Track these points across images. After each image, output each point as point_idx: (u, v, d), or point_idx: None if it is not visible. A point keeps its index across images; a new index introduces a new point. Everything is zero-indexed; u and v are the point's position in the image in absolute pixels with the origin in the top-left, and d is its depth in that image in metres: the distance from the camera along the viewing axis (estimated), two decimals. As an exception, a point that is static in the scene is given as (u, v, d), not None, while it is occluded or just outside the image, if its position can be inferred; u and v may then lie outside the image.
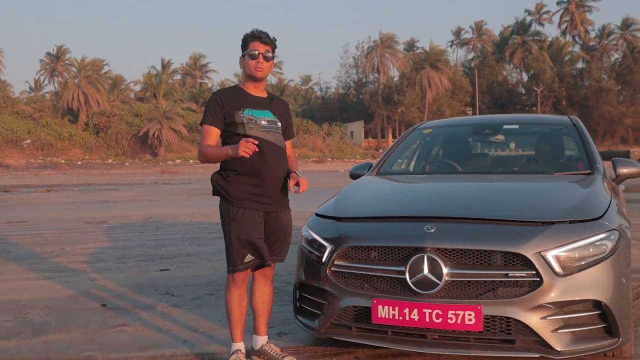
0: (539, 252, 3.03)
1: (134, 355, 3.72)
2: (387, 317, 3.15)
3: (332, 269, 3.39)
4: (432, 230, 3.20)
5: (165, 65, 75.99)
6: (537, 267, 3.00)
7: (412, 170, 5.16)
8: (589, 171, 4.17)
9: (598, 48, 72.27)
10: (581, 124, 4.82)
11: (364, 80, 72.52)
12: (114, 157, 54.97)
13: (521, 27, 76.21)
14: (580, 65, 71.38)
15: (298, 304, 3.70)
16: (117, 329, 4.28)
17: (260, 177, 3.38)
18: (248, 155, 3.20)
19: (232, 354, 3.45)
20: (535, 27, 77.30)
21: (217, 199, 3.57)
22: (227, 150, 3.30)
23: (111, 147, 56.36)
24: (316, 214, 3.83)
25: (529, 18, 77.25)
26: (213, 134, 3.44)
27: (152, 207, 14.49)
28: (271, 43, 3.50)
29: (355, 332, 3.34)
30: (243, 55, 3.52)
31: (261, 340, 3.62)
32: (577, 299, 3.04)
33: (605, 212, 3.35)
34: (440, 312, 3.05)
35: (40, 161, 50.79)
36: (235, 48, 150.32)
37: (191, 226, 10.49)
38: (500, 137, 5.08)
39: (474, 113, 67.79)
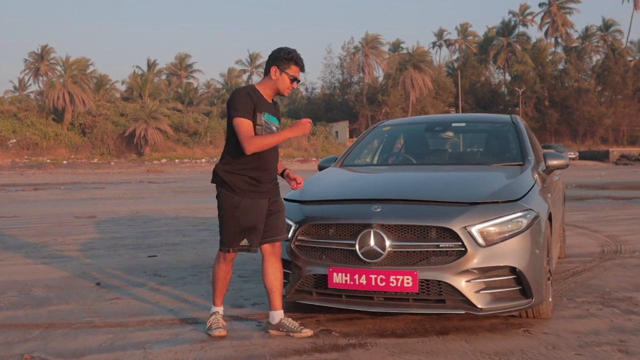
0: (465, 227, 3.67)
1: (127, 320, 4.32)
2: (340, 282, 3.78)
3: (296, 243, 4.02)
4: (378, 210, 3.84)
5: (150, 65, 76.31)
6: (462, 239, 3.65)
7: (372, 162, 5.81)
8: (521, 163, 4.83)
9: (578, 49, 73.50)
10: (520, 122, 5.49)
11: (349, 80, 73.26)
12: (99, 156, 55.23)
13: (506, 29, 77.32)
14: (561, 66, 72.56)
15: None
16: (111, 302, 4.88)
17: (264, 172, 3.85)
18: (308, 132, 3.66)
19: (212, 314, 4.01)
20: (519, 28, 78.53)
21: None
22: (287, 133, 3.73)
23: (97, 147, 56.59)
24: (284, 199, 4.45)
25: (513, 19, 78.45)
26: (250, 126, 3.70)
27: (138, 203, 15.04)
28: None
29: (315, 296, 3.97)
30: (279, 68, 3.82)
31: (278, 315, 3.92)
32: (496, 265, 3.69)
33: (525, 195, 4.01)
34: (384, 277, 3.68)
35: (25, 161, 50.96)
36: (220, 48, 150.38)
37: (177, 220, 11.07)
38: (450, 133, 5.74)
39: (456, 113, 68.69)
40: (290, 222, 4.09)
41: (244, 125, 3.69)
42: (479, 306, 3.65)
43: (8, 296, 5.08)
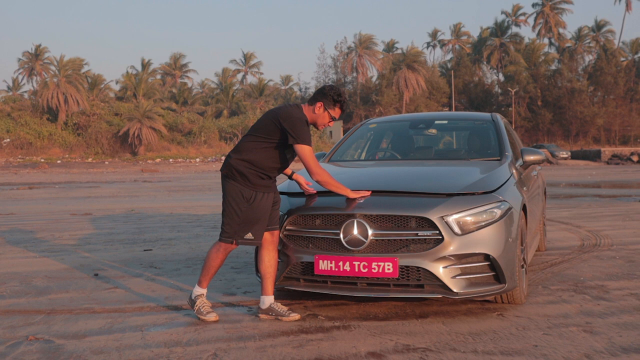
0: (442, 217, 3.93)
1: (125, 306, 4.56)
2: (326, 269, 4.03)
3: (284, 233, 4.27)
4: (361, 201, 4.09)
5: (145, 65, 76.39)
6: (439, 228, 3.90)
7: (359, 158, 6.07)
8: (499, 158, 5.09)
9: (571, 49, 73.98)
10: (500, 120, 5.76)
11: (343, 80, 73.54)
12: (93, 156, 55.35)
13: (499, 29, 77.78)
14: (554, 66, 73.05)
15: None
16: (109, 291, 5.11)
17: (278, 172, 4.19)
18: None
19: (197, 297, 4.14)
20: (512, 29, 79.01)
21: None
22: (347, 191, 4.10)
23: (91, 146, 56.72)
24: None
25: (506, 20, 78.87)
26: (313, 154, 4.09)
27: (133, 201, 15.25)
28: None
29: (303, 282, 4.22)
30: (324, 105, 4.13)
31: (269, 300, 4.13)
32: (471, 252, 3.95)
33: (499, 187, 4.27)
34: (366, 264, 3.94)
35: (19, 160, 51.04)
36: (214, 48, 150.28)
37: (171, 217, 11.30)
38: (433, 130, 6.01)
39: (450, 113, 68.92)
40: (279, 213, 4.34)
41: (311, 153, 4.04)
42: (455, 290, 3.91)
43: (10, 286, 5.31)
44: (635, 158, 46.86)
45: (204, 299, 4.18)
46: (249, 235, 4.07)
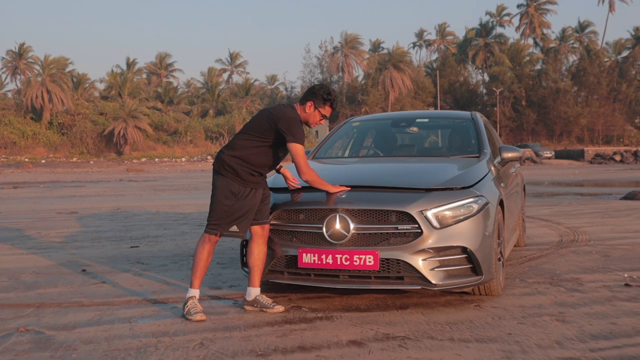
0: (421, 211, 4.07)
1: (113, 300, 4.66)
2: (309, 262, 4.16)
3: (269, 227, 4.39)
4: (344, 196, 4.23)
5: (130, 64, 76.05)
6: (419, 222, 4.05)
7: (342, 156, 6.21)
8: (477, 155, 5.25)
9: (555, 50, 74.67)
10: (479, 118, 5.92)
11: (329, 80, 73.68)
12: (78, 155, 55.09)
13: (484, 30, 78.32)
14: (539, 66, 73.69)
15: (245, 259, 4.68)
16: (97, 285, 5.21)
17: (268, 169, 4.32)
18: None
19: (189, 299, 4.18)
20: (497, 29, 79.59)
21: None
22: (328, 187, 4.26)
23: (76, 146, 56.46)
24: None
25: (491, 20, 79.45)
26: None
27: (119, 200, 15.28)
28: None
29: (287, 275, 4.35)
30: (314, 104, 4.28)
31: (255, 292, 4.27)
32: (449, 245, 4.10)
33: (477, 183, 4.43)
34: (348, 257, 4.07)
35: (3, 160, 50.65)
36: (200, 47, 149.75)
37: (158, 215, 11.37)
38: (414, 128, 6.16)
39: (435, 113, 69.29)
40: (264, 208, 4.46)
41: (303, 152, 4.20)
42: (434, 282, 4.05)
43: (-2, 281, 5.39)
44: (617, 157, 47.45)
45: (195, 301, 4.17)
46: (234, 228, 4.19)
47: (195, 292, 4.24)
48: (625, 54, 75.38)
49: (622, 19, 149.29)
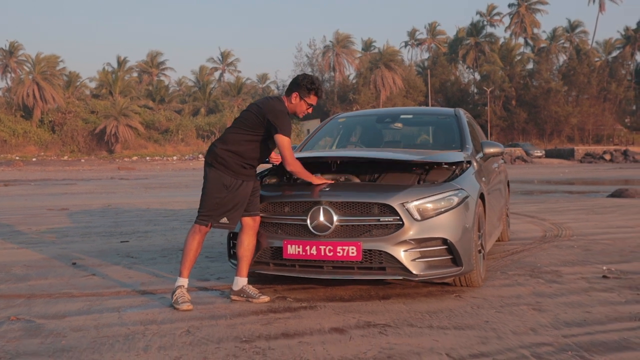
0: (402, 203, 4.19)
1: (103, 291, 4.76)
2: (294, 253, 4.27)
3: (255, 219, 4.50)
4: (327, 189, 4.35)
5: (121, 63, 75.86)
6: (400, 214, 4.17)
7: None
8: (460, 150, 5.38)
9: (546, 49, 75.08)
10: (462, 115, 6.04)
11: (320, 78, 73.80)
12: (69, 153, 54.98)
13: (475, 29, 78.65)
14: (530, 66, 74.07)
15: (232, 251, 4.79)
16: (87, 277, 5.30)
17: (259, 163, 4.43)
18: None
19: (177, 288, 4.30)
20: (488, 29, 79.97)
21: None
22: (313, 178, 4.42)
23: (67, 144, 56.35)
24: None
25: (481, 20, 79.79)
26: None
27: (110, 198, 15.34)
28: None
29: (272, 267, 4.46)
30: (300, 95, 4.38)
31: (242, 282, 4.36)
32: (430, 236, 4.22)
33: (458, 176, 4.55)
34: (332, 248, 4.19)
35: (-6, 158, 50.47)
36: (192, 46, 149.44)
37: (148, 212, 11.45)
38: (399, 125, 6.29)
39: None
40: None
41: (289, 144, 4.31)
42: (415, 272, 4.17)
43: (-10, 274, 5.47)
44: (607, 157, 47.83)
45: (184, 290, 4.27)
46: (225, 220, 4.30)
47: (184, 281, 4.34)
48: (615, 53, 75.98)
49: (612, 18, 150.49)
